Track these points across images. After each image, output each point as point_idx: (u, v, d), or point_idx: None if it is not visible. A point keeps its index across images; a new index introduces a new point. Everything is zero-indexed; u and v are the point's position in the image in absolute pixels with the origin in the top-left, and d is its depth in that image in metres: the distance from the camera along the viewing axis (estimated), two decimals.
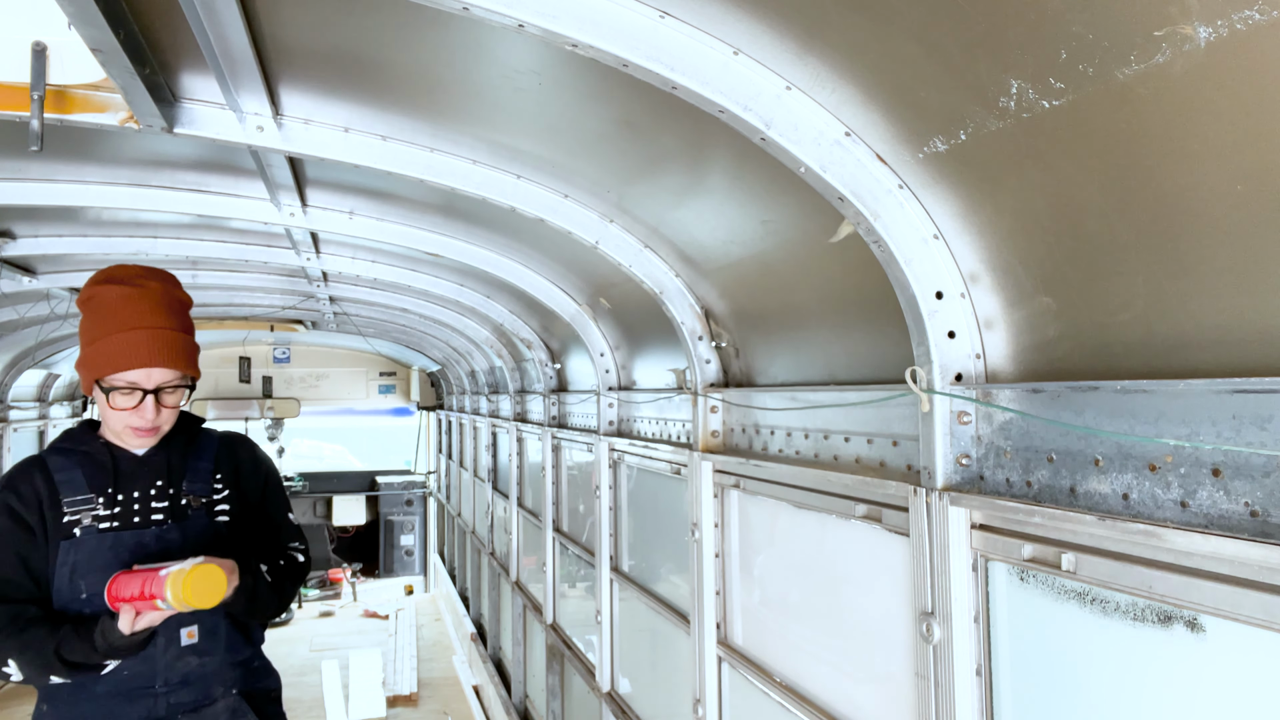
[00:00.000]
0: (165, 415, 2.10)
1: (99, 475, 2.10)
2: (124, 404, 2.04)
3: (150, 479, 2.16)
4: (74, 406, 9.20)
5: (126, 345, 2.00)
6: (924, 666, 1.74)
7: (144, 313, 2.05)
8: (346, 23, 1.90)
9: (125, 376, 2.01)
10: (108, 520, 2.08)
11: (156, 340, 2.03)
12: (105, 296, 2.08)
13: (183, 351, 2.08)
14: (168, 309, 2.10)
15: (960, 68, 1.32)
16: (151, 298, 2.08)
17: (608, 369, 4.11)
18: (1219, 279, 1.18)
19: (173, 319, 2.10)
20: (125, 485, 2.12)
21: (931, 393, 1.69)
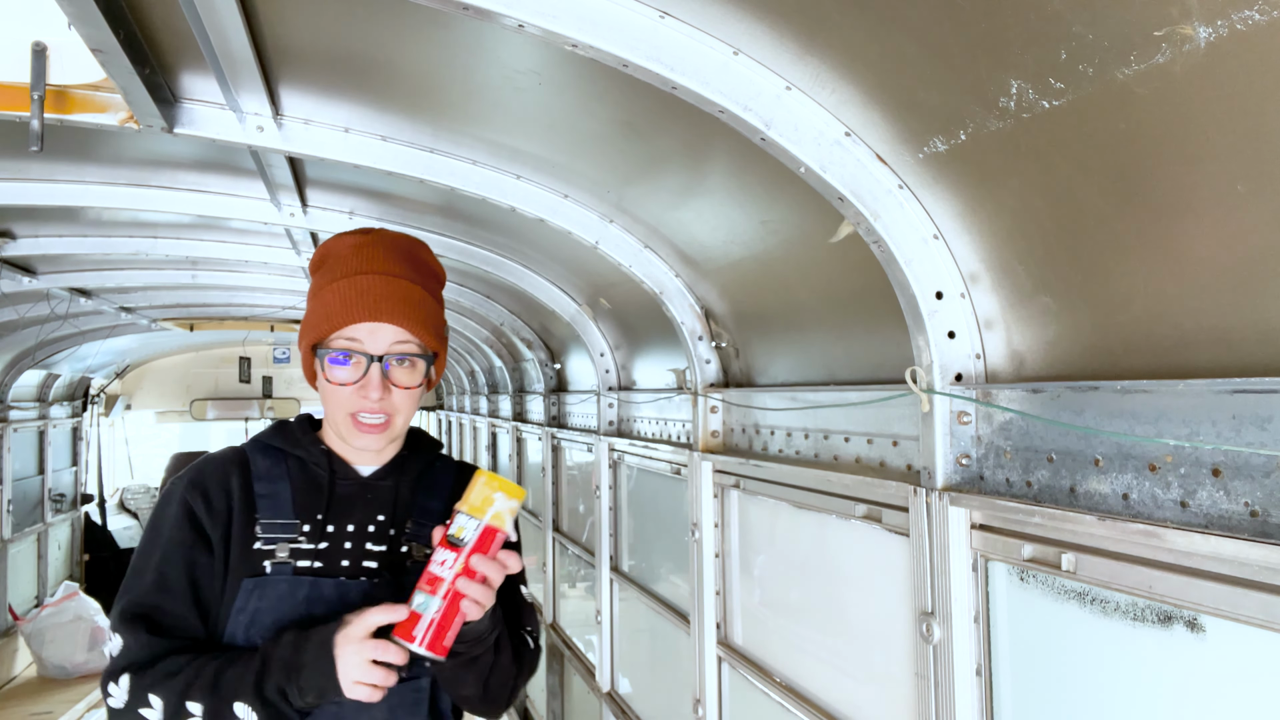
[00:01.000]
0: (399, 400, 1.56)
1: (311, 495, 1.60)
2: (342, 376, 1.54)
3: (371, 512, 1.63)
4: (74, 406, 9.20)
5: (349, 293, 1.54)
6: (924, 666, 1.74)
7: (376, 258, 1.59)
8: (346, 23, 1.90)
9: (345, 334, 1.53)
10: (309, 558, 1.55)
11: (387, 287, 1.55)
12: (337, 249, 1.64)
13: (420, 308, 1.58)
14: (408, 260, 1.63)
15: (960, 68, 1.32)
16: (387, 243, 1.63)
17: (608, 369, 4.11)
18: (1219, 279, 1.18)
19: (412, 270, 1.61)
20: (339, 515, 1.60)
21: (931, 393, 1.69)
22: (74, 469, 9.33)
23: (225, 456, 1.64)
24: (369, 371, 1.53)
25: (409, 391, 1.57)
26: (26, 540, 8.07)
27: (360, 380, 1.53)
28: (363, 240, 1.62)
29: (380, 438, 1.58)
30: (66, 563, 9.20)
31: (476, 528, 1.42)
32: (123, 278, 5.02)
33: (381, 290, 1.55)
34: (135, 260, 4.68)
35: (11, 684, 7.24)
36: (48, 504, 8.50)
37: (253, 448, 1.66)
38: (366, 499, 1.63)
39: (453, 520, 1.43)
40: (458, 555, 1.41)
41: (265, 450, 1.65)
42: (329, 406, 1.60)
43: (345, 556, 1.57)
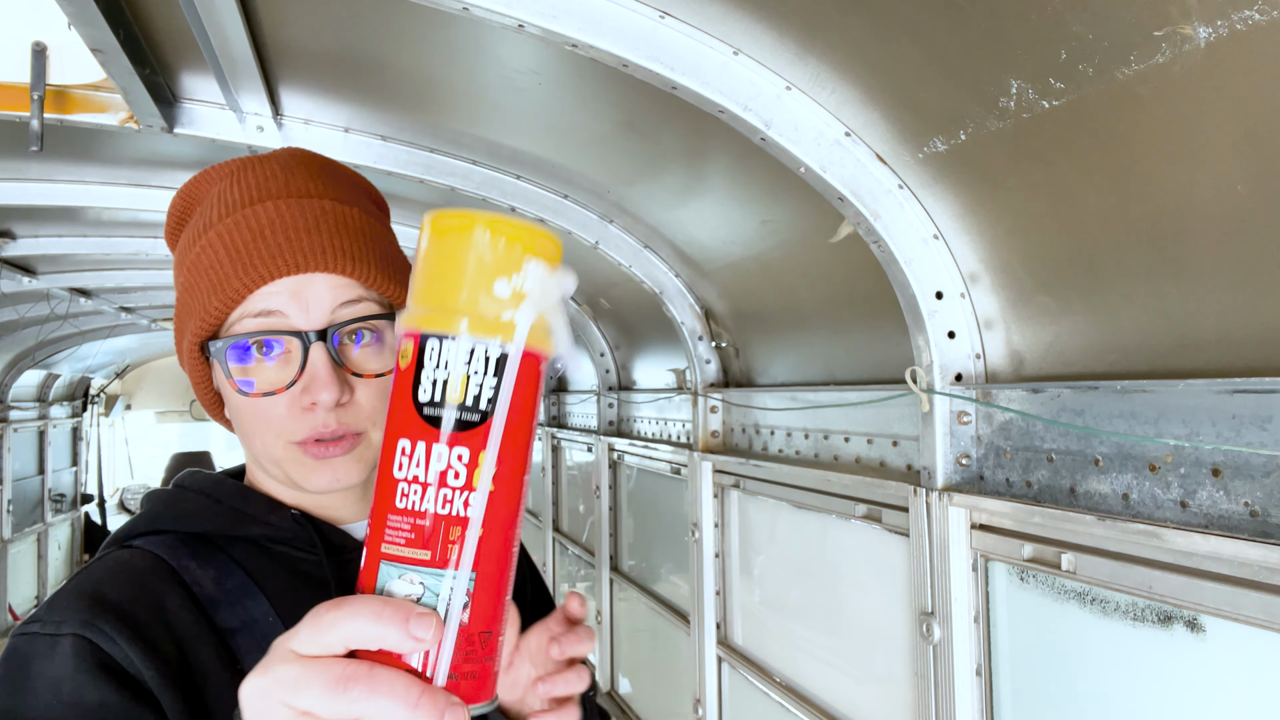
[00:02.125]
0: (367, 398, 0.89)
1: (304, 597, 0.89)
2: (266, 379, 0.88)
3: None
4: (74, 406, 9.20)
5: (237, 237, 0.89)
6: (924, 666, 1.74)
7: (271, 177, 0.95)
8: (346, 23, 1.90)
9: (249, 306, 0.87)
10: None
11: (302, 215, 0.90)
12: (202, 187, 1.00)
13: (364, 238, 0.92)
14: (324, 173, 0.98)
15: (960, 68, 1.32)
16: (284, 159, 0.99)
17: (608, 369, 4.11)
18: (1219, 279, 1.18)
19: (336, 186, 0.97)
20: None
21: (931, 393, 1.69)
22: (74, 469, 9.33)
23: (130, 569, 0.88)
24: (308, 358, 0.86)
25: (381, 380, 0.90)
26: (26, 540, 8.07)
27: (296, 378, 0.87)
28: (243, 164, 0.98)
29: (353, 464, 0.90)
30: (66, 563, 9.19)
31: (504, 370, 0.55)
32: (123, 278, 5.02)
33: (294, 220, 0.89)
34: (135, 260, 4.67)
35: None
36: (48, 504, 8.50)
37: (165, 549, 0.90)
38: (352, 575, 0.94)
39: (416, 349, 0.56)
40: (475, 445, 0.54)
41: (187, 548, 0.91)
42: (253, 436, 0.91)
43: None
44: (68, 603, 0.82)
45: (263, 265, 0.86)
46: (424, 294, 0.57)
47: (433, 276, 0.56)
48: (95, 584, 0.84)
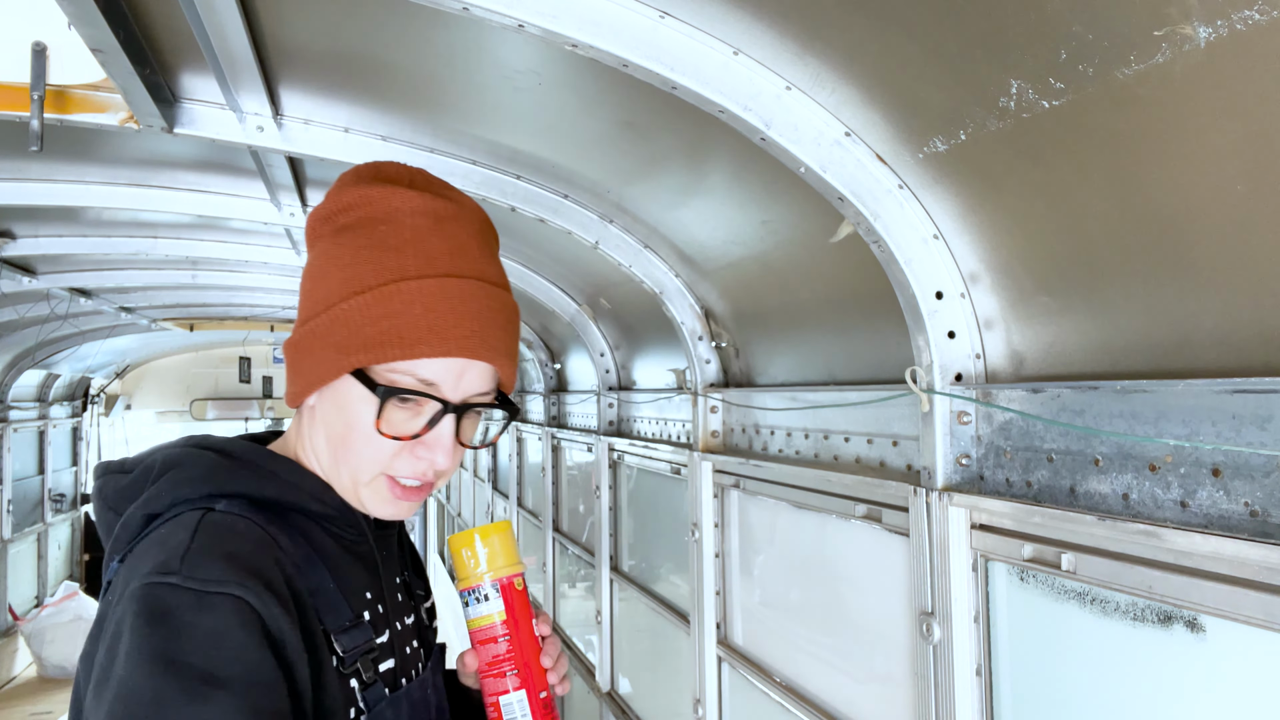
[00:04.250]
0: (456, 462, 1.08)
1: (353, 571, 1.07)
2: (404, 427, 1.01)
3: (392, 572, 1.18)
4: (74, 406, 9.19)
5: (440, 307, 0.99)
6: (923, 666, 1.74)
7: (469, 248, 1.04)
8: (346, 23, 1.90)
9: (420, 368, 0.99)
10: (390, 656, 1.08)
11: (489, 307, 1.03)
12: (399, 208, 1.03)
13: (516, 337, 1.10)
14: (494, 247, 1.11)
15: (960, 68, 1.32)
16: (477, 220, 1.08)
17: (607, 369, 4.11)
18: (1219, 279, 1.18)
19: (500, 268, 1.10)
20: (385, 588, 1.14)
21: (931, 393, 1.69)
22: (74, 469, 9.33)
23: (244, 531, 0.96)
24: (439, 425, 1.01)
25: (458, 451, 1.06)
26: (26, 540, 8.07)
27: (420, 433, 1.01)
28: (443, 209, 1.04)
29: (417, 506, 1.10)
30: (66, 563, 9.20)
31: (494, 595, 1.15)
32: (123, 278, 5.02)
33: (485, 311, 1.01)
34: (135, 260, 4.68)
35: (11, 684, 7.24)
36: (48, 504, 8.50)
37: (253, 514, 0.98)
38: (382, 556, 1.15)
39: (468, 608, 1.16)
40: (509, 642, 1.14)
41: (264, 513, 1.00)
42: (353, 455, 1.03)
43: (408, 639, 1.14)
44: (207, 562, 0.87)
45: (455, 345, 1.00)
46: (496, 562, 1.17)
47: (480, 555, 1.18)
48: (224, 547, 0.90)
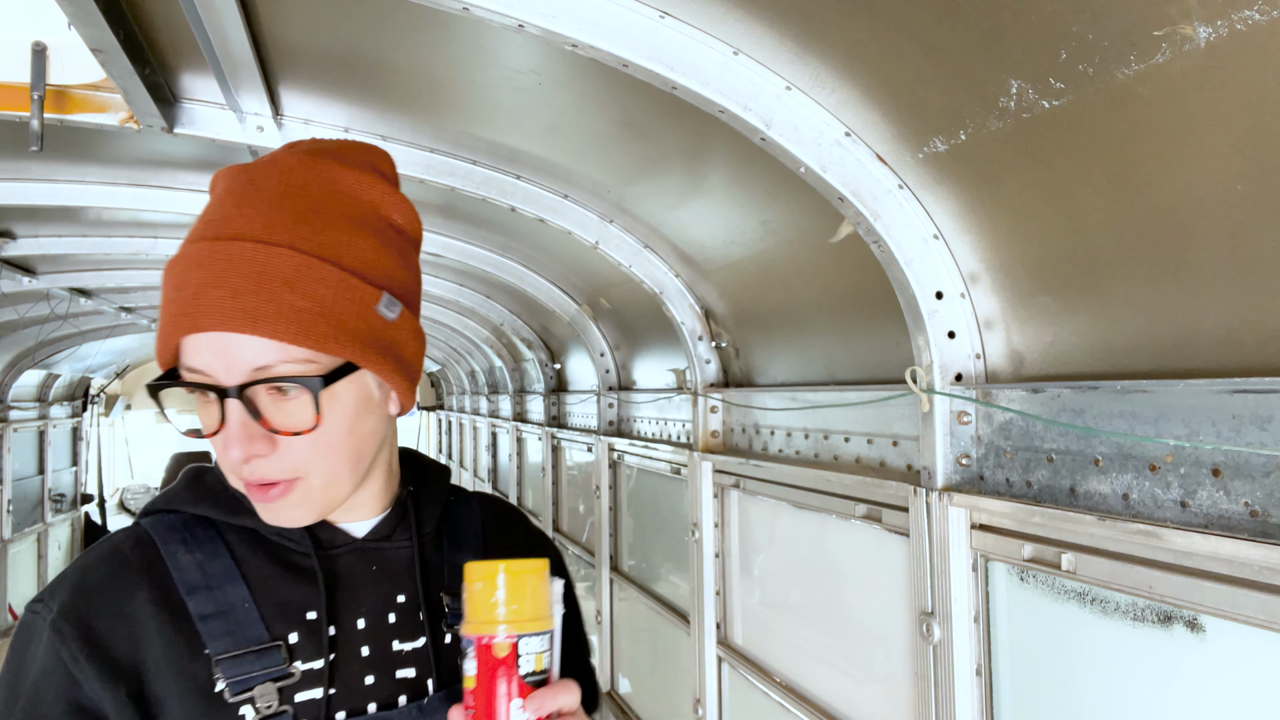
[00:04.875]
0: (296, 450, 0.90)
1: (288, 585, 0.98)
2: (208, 423, 0.91)
3: (386, 591, 1.03)
4: (74, 406, 9.19)
5: (168, 281, 0.89)
6: (923, 666, 1.74)
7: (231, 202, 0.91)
8: (346, 23, 1.90)
9: (194, 353, 0.88)
10: (314, 686, 0.94)
11: (221, 265, 0.85)
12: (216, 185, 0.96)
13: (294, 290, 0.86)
14: (299, 195, 0.91)
15: (960, 68, 1.32)
16: (275, 168, 0.93)
17: (608, 369, 4.11)
18: (1219, 279, 1.18)
19: (296, 216, 0.89)
20: (344, 606, 1.00)
21: (931, 393, 1.69)
22: (74, 469, 9.33)
23: (117, 558, 0.95)
24: (225, 415, 0.87)
25: (307, 437, 0.89)
26: (26, 540, 8.07)
27: (219, 429, 0.88)
28: (238, 174, 0.94)
29: (293, 508, 0.93)
30: (66, 563, 9.19)
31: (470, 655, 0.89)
32: (123, 278, 5.02)
33: (210, 274, 0.85)
34: (135, 260, 4.67)
35: None
36: (48, 504, 8.50)
37: (162, 531, 0.97)
38: (371, 573, 1.02)
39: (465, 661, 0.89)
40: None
41: (185, 531, 0.98)
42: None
43: (369, 670, 0.98)
44: (59, 591, 0.92)
45: (201, 319, 0.86)
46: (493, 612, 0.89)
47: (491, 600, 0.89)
48: (76, 582, 0.93)
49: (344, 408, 0.92)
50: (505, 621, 0.88)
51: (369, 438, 0.97)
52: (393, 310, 0.93)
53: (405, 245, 0.98)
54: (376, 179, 0.96)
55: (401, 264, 0.96)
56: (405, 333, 0.95)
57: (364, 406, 0.94)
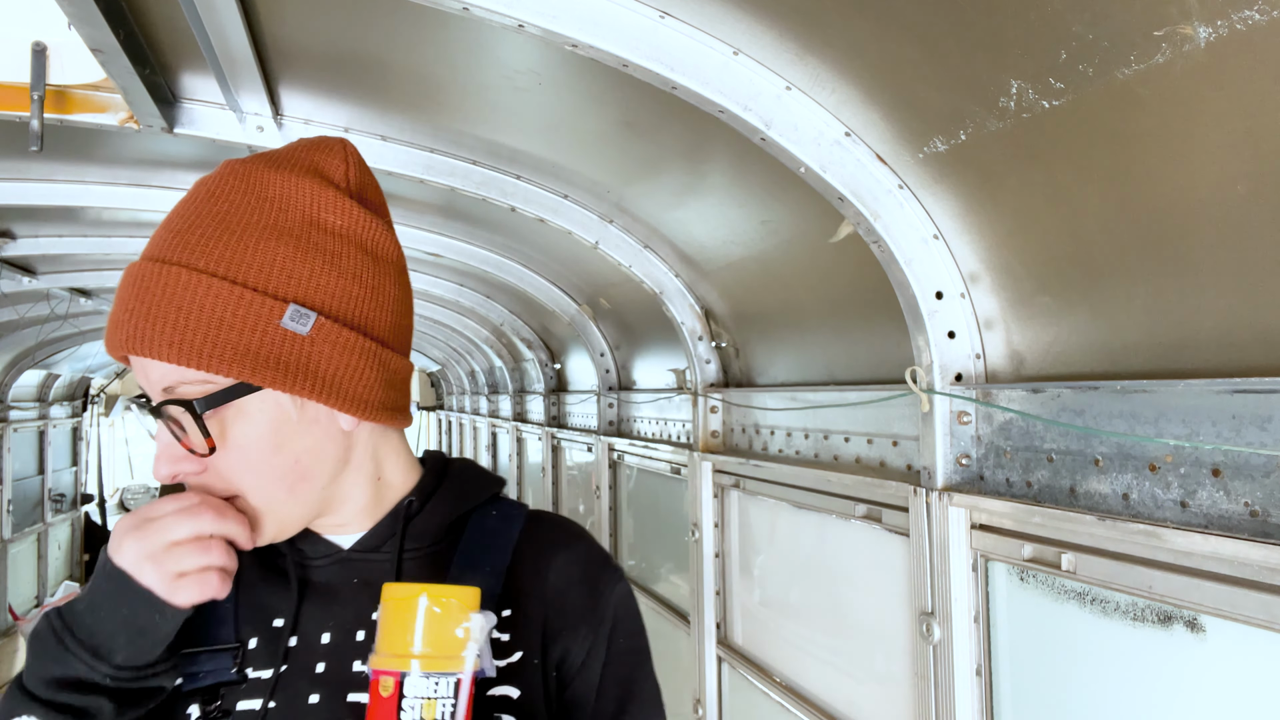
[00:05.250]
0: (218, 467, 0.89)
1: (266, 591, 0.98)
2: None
3: (360, 608, 0.97)
4: (74, 406, 9.19)
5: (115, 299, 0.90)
6: (924, 666, 1.74)
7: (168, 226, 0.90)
8: (346, 23, 1.90)
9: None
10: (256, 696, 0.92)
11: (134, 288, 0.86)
12: None
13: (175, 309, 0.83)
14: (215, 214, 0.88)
15: (960, 68, 1.32)
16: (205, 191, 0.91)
17: (607, 369, 4.11)
18: (1219, 279, 1.18)
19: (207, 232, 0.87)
20: (311, 617, 0.96)
21: (931, 393, 1.69)
22: (74, 469, 9.33)
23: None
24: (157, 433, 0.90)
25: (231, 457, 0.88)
26: (26, 540, 8.07)
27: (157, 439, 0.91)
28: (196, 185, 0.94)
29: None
30: (66, 563, 9.19)
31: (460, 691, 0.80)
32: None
33: (123, 294, 0.87)
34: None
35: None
36: (48, 504, 8.50)
37: None
38: (353, 585, 0.98)
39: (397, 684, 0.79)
40: None
41: None
42: None
43: (317, 688, 0.92)
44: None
45: (114, 342, 0.87)
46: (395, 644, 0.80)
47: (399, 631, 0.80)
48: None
49: (258, 426, 0.87)
50: (394, 654, 0.79)
51: (308, 456, 0.91)
52: (302, 323, 0.86)
53: (341, 249, 0.89)
54: (309, 180, 0.91)
55: (329, 270, 0.88)
56: (324, 345, 0.87)
57: (287, 426, 0.88)
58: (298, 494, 0.91)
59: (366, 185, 0.97)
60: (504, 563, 1.00)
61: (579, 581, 1.01)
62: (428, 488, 1.04)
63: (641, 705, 1.01)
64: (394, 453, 1.03)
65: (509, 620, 0.97)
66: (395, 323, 0.94)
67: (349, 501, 0.98)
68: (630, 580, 3.41)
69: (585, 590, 1.01)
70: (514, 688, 0.94)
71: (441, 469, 1.08)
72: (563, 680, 0.98)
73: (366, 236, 0.92)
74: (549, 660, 0.97)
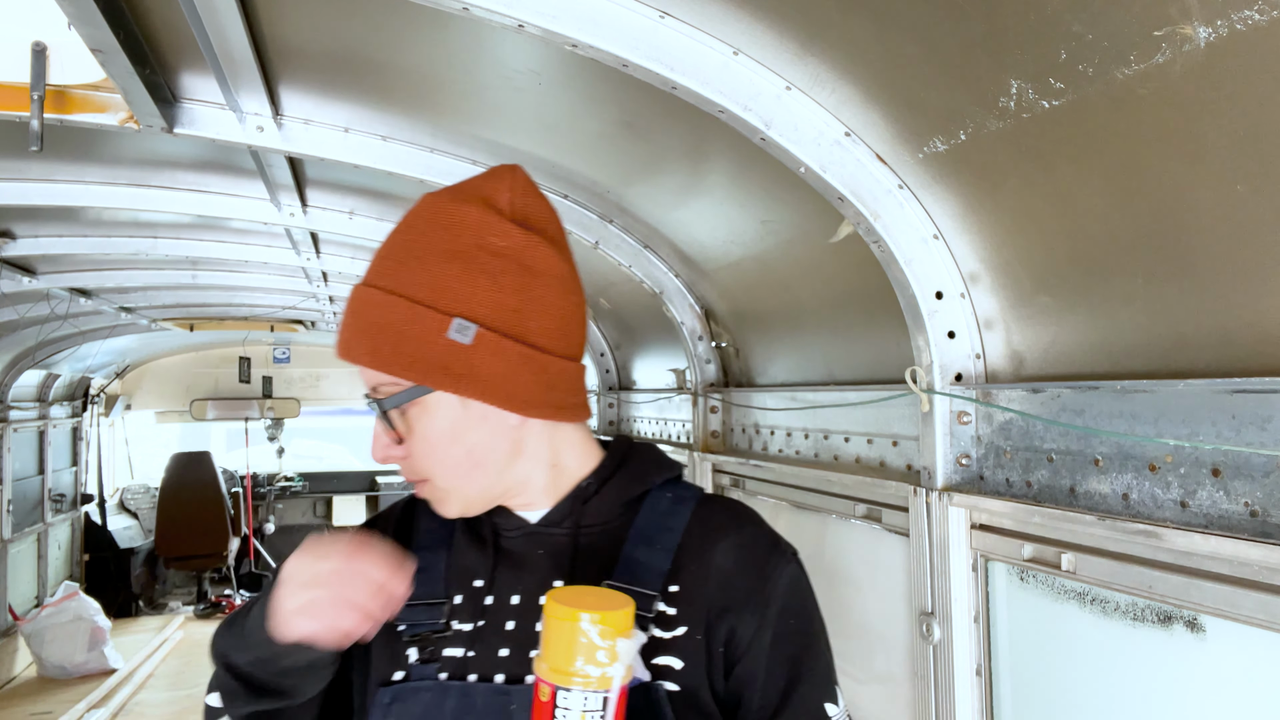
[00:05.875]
0: (414, 454, 1.06)
1: (470, 555, 1.14)
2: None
3: (544, 575, 1.10)
4: (74, 406, 9.20)
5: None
6: (924, 666, 1.74)
7: (379, 255, 1.08)
8: (346, 23, 1.90)
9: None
10: (460, 645, 1.08)
11: (348, 306, 1.07)
12: None
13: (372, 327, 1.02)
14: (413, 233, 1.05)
15: (960, 68, 1.32)
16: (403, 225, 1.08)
17: (608, 369, 4.11)
18: (1219, 279, 1.18)
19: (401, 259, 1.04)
20: (504, 582, 1.11)
21: (931, 393, 1.69)
22: (74, 469, 9.33)
23: (393, 511, 1.25)
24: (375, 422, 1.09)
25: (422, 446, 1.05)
26: (26, 540, 8.06)
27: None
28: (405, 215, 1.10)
29: (431, 504, 1.11)
30: (66, 563, 9.19)
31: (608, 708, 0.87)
32: (123, 278, 5.02)
33: (345, 310, 1.07)
34: (135, 260, 4.67)
35: (11, 684, 7.24)
36: (48, 504, 8.49)
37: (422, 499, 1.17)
38: (538, 555, 1.11)
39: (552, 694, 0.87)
40: None
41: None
42: None
43: (507, 642, 1.06)
44: (362, 524, 1.24)
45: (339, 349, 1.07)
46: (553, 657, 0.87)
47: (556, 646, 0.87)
48: (375, 516, 1.28)
49: (438, 422, 1.04)
50: (551, 667, 0.87)
51: (480, 448, 1.06)
52: (465, 334, 1.00)
53: (502, 267, 1.02)
54: (477, 208, 1.04)
55: (490, 286, 1.01)
56: (484, 353, 1.01)
57: (461, 422, 1.04)
58: (474, 479, 1.08)
59: (530, 206, 1.09)
60: (674, 542, 1.10)
61: (746, 564, 1.10)
62: (605, 472, 1.15)
63: (810, 685, 1.07)
64: (569, 442, 1.15)
65: (676, 595, 1.06)
66: (557, 328, 1.06)
67: (529, 484, 1.13)
68: None
69: (753, 573, 1.09)
70: (677, 658, 1.04)
71: (622, 455, 1.19)
72: (731, 659, 1.06)
73: (526, 254, 1.05)
74: (714, 637, 1.05)
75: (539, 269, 1.05)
